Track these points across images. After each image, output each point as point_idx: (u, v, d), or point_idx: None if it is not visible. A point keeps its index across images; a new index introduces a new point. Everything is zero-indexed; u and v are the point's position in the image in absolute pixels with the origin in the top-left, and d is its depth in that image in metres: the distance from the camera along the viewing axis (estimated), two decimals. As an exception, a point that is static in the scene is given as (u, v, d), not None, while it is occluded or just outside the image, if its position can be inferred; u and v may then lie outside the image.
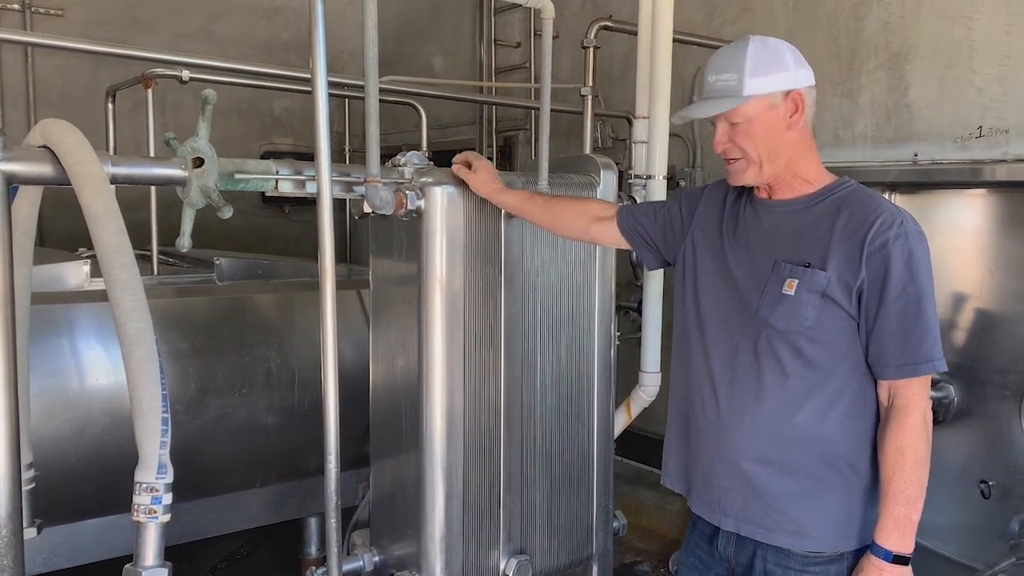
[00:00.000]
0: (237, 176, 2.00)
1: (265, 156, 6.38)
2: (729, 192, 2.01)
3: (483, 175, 2.29)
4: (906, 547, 1.79)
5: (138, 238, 3.20)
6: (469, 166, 2.34)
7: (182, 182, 1.96)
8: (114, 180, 1.85)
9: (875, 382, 1.82)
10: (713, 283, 1.96)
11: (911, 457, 1.75)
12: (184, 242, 2.01)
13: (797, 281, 1.78)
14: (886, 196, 3.68)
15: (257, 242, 5.71)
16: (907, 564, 1.81)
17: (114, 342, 2.99)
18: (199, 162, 1.95)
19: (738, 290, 1.89)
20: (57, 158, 1.76)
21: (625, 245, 2.23)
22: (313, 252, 2.03)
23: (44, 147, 1.78)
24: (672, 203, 2.15)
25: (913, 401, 1.76)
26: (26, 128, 5.36)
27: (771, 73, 1.79)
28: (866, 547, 1.83)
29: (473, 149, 5.51)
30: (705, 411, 1.96)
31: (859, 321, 1.77)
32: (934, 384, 3.49)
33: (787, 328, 1.80)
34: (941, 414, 3.56)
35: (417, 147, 4.28)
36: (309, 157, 2.05)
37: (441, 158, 5.63)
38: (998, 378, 3.39)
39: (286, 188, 2.12)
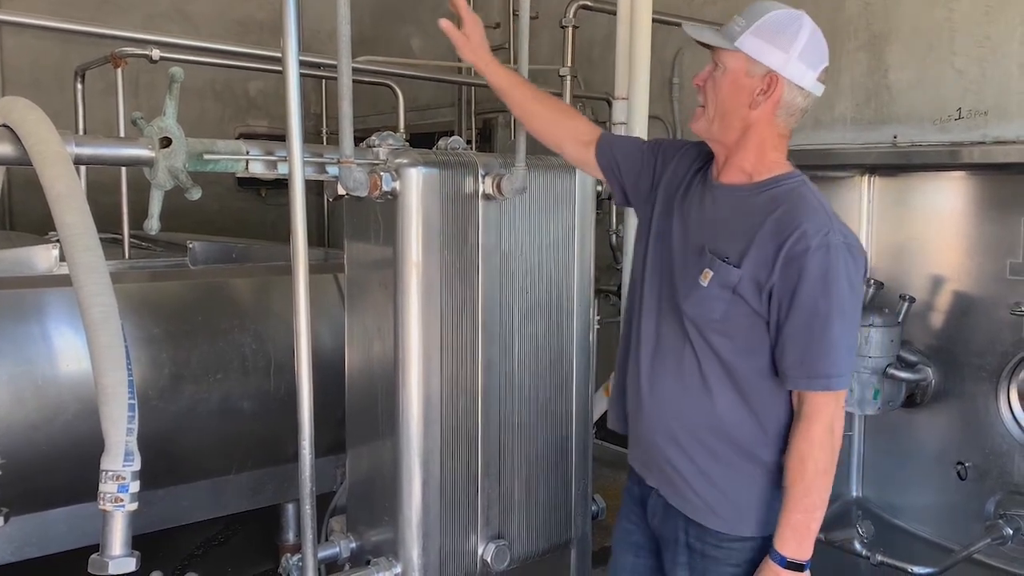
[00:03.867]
0: (206, 157, 1.96)
1: (241, 138, 6.31)
2: (696, 160, 1.98)
3: (476, 39, 2.13)
4: (802, 554, 1.78)
5: (109, 222, 3.15)
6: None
7: (149, 163, 1.91)
8: (78, 161, 1.79)
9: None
10: (657, 252, 1.97)
11: (811, 467, 1.74)
12: (152, 224, 1.96)
13: (712, 274, 1.78)
14: (864, 181, 3.72)
15: (233, 226, 5.64)
16: (803, 571, 1.79)
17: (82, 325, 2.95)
18: (167, 142, 1.90)
19: (671, 266, 1.91)
20: (18, 137, 1.71)
21: (594, 173, 2.20)
22: (289, 236, 1.99)
23: (4, 126, 1.72)
24: (650, 152, 2.08)
25: (818, 411, 1.73)
26: (-6, 109, 5.30)
27: (770, 43, 1.73)
28: (769, 536, 1.85)
29: (452, 131, 5.49)
30: (634, 377, 1.98)
31: (768, 321, 1.76)
32: (912, 366, 3.51)
33: (697, 316, 1.81)
34: (919, 396, 3.58)
35: (395, 129, 4.24)
36: (285, 139, 2.00)
37: (420, 141, 5.57)
38: (975, 360, 3.42)
39: (257, 169, 2.07)
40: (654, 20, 2.83)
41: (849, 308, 1.72)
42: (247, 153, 2.04)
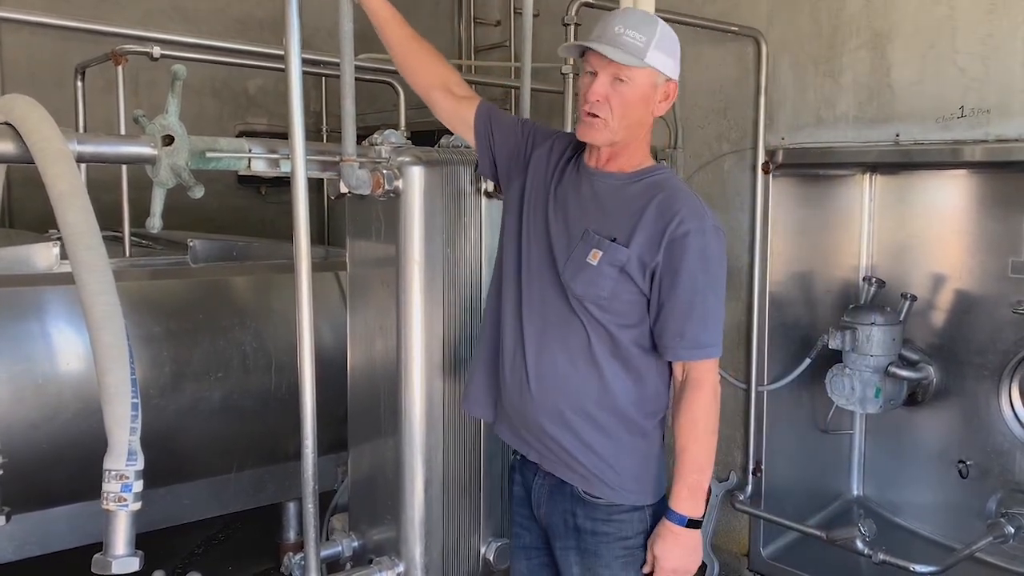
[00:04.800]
0: (208, 154, 1.95)
1: (241, 136, 6.30)
2: (567, 149, 2.07)
3: None
4: (698, 511, 1.93)
5: (110, 219, 3.14)
6: None
7: (151, 160, 1.90)
8: (80, 159, 1.79)
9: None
10: (533, 233, 2.02)
11: (703, 428, 1.89)
12: (154, 222, 1.96)
13: (601, 253, 1.88)
14: (865, 179, 3.72)
15: (233, 223, 5.62)
16: (699, 527, 1.94)
17: (83, 324, 2.94)
18: (169, 140, 1.89)
19: (551, 248, 1.97)
20: (20, 135, 1.70)
21: (463, 131, 2.20)
22: (290, 233, 1.99)
23: (6, 124, 1.71)
24: (523, 131, 2.15)
25: (704, 377, 1.90)
26: (-7, 106, 5.28)
27: (667, 55, 1.89)
28: (658, 503, 1.98)
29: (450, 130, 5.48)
30: (514, 355, 2.02)
31: (650, 299, 1.89)
32: (913, 365, 3.50)
33: (584, 295, 1.89)
34: (920, 395, 3.58)
35: (395, 126, 4.23)
36: (285, 137, 2.00)
37: (421, 138, 5.54)
38: (977, 359, 3.41)
39: (259, 167, 2.07)
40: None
41: (721, 284, 1.93)
42: (249, 151, 2.04)
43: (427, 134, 5.90)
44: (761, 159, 3.55)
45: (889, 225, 3.71)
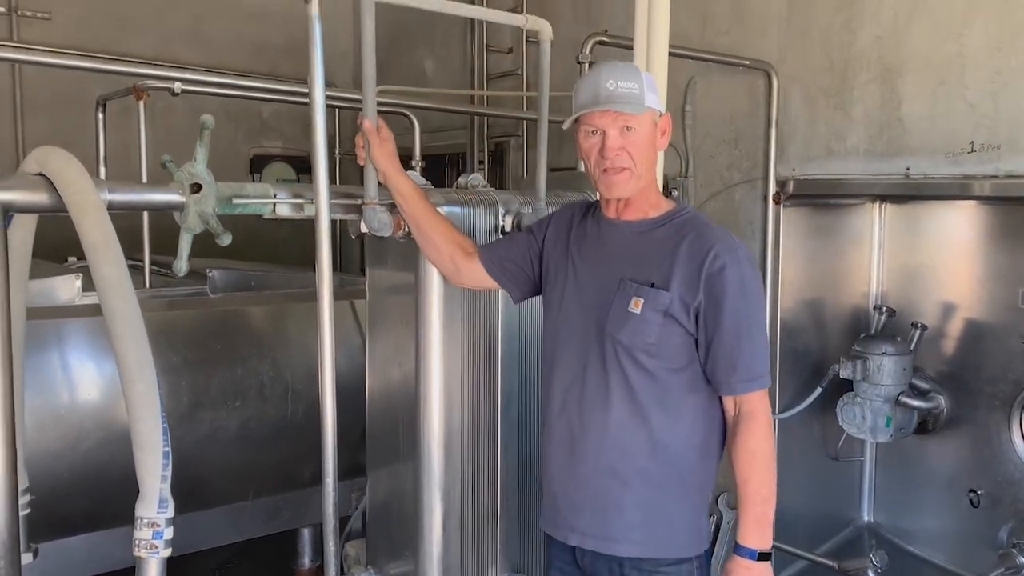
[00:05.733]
0: (235, 200, 2.00)
1: (255, 160, 6.37)
2: (575, 214, 2.12)
3: (389, 147, 2.21)
4: (766, 543, 1.91)
5: (130, 245, 3.19)
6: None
7: (180, 207, 1.95)
8: (111, 207, 1.83)
9: (718, 396, 1.95)
10: (563, 300, 2.05)
11: (761, 459, 1.89)
12: (181, 266, 2.01)
13: (643, 300, 1.89)
14: (875, 208, 3.75)
15: (245, 244, 5.67)
16: (769, 559, 1.92)
17: (105, 357, 2.99)
18: (197, 187, 1.94)
19: (586, 307, 1.99)
20: (54, 186, 1.75)
21: (486, 282, 2.23)
22: (304, 256, 2.03)
23: (40, 175, 1.76)
24: (526, 232, 2.23)
25: (757, 407, 1.90)
26: (13, 133, 5.37)
27: (656, 93, 1.97)
28: (705, 552, 1.99)
29: (464, 154, 5.52)
30: (558, 425, 2.03)
31: (697, 338, 1.91)
32: (924, 394, 3.52)
33: (632, 343, 1.90)
34: (931, 423, 3.59)
35: (409, 152, 4.28)
36: (299, 159, 2.06)
37: (433, 162, 5.58)
38: (988, 388, 3.43)
39: (284, 211, 2.11)
40: (670, 54, 2.86)
41: (762, 313, 1.97)
42: (275, 196, 2.08)
43: (440, 159, 6.00)
44: (772, 189, 3.59)
45: (899, 253, 3.74)
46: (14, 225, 1.84)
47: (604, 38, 3.15)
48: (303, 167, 6.55)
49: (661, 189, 2.10)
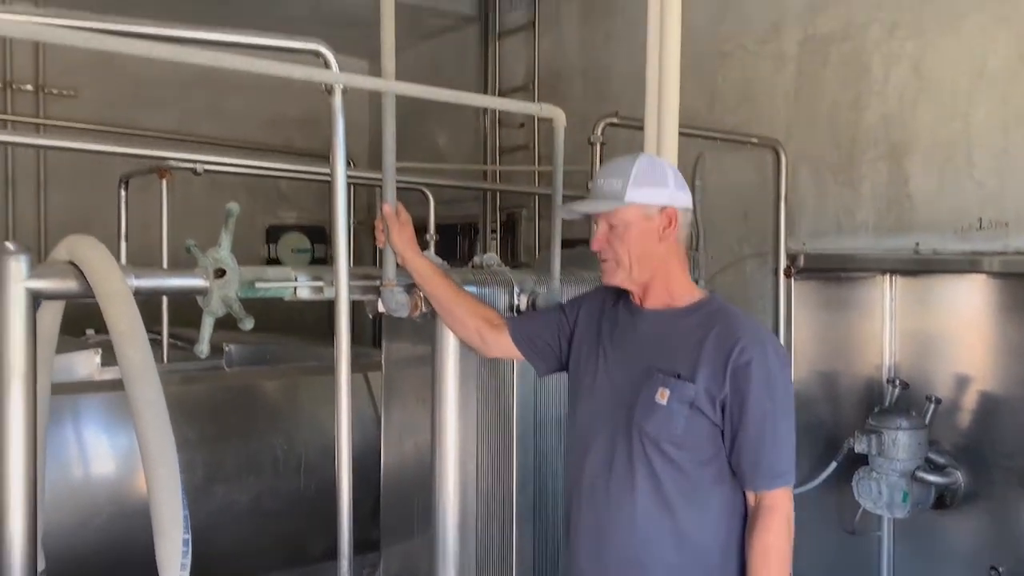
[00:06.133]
0: (257, 285, 2.04)
1: (271, 230, 6.47)
2: (607, 296, 2.13)
3: (408, 231, 2.26)
4: None
5: (148, 317, 3.24)
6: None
7: (203, 292, 1.99)
8: (137, 293, 1.88)
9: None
10: (594, 385, 2.04)
11: (775, 557, 1.86)
12: (202, 348, 2.04)
13: (669, 391, 1.89)
14: (886, 280, 3.77)
15: (262, 309, 5.73)
16: None
17: (120, 431, 3.02)
18: (221, 272, 1.98)
19: (614, 394, 1.98)
20: (82, 273, 1.79)
21: (514, 354, 2.25)
22: (318, 322, 2.06)
23: (70, 263, 1.81)
24: (557, 310, 2.25)
25: (778, 504, 1.88)
26: (36, 206, 5.48)
27: (652, 187, 1.96)
28: None
29: (476, 225, 5.60)
30: (586, 512, 2.01)
31: (723, 430, 1.89)
32: (941, 469, 3.49)
33: (658, 434, 1.89)
34: (949, 499, 3.55)
35: (424, 224, 4.35)
36: (314, 230, 2.10)
37: (446, 232, 5.62)
38: (1005, 462, 3.39)
39: (304, 294, 2.15)
40: (680, 134, 2.93)
41: (790, 408, 1.92)
42: (295, 279, 2.12)
43: (452, 228, 6.08)
44: (783, 263, 3.62)
45: (911, 325, 3.75)
46: (42, 310, 1.88)
47: (615, 120, 3.23)
48: (317, 236, 6.65)
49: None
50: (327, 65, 2.08)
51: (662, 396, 1.89)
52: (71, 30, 1.62)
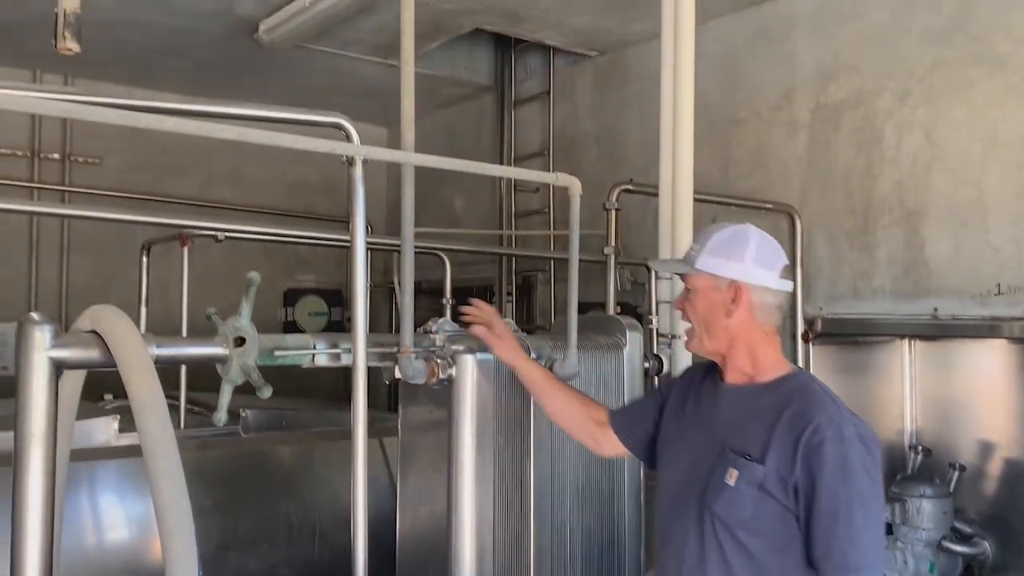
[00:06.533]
0: (276, 353, 2.05)
1: (288, 293, 6.52)
2: (697, 373, 2.10)
3: (508, 341, 2.29)
4: None
5: (166, 383, 3.26)
6: (488, 326, 2.33)
7: (223, 360, 2.00)
8: (158, 361, 1.88)
9: None
10: (675, 461, 2.01)
11: None
12: (220, 416, 2.04)
13: (738, 472, 1.80)
14: (905, 344, 3.75)
15: (280, 371, 5.74)
16: None
17: (135, 498, 3.01)
18: (240, 341, 1.99)
19: (690, 471, 1.93)
20: (104, 343, 1.81)
21: (623, 451, 2.22)
22: (334, 385, 2.05)
23: (93, 332, 1.83)
24: (654, 392, 2.26)
25: None
26: (59, 270, 5.56)
27: (724, 259, 1.90)
28: None
29: (492, 288, 5.62)
30: None
31: (798, 515, 1.77)
32: (968, 539, 3.41)
33: (727, 517, 1.81)
34: (976, 570, 3.46)
35: (439, 286, 4.38)
36: (331, 293, 2.11)
37: (462, 294, 5.68)
38: (1033, 531, 3.32)
39: (322, 361, 2.16)
40: (695, 200, 2.96)
41: (869, 498, 1.75)
42: (314, 347, 2.13)
43: (468, 292, 6.10)
44: (800, 328, 3.61)
45: (932, 390, 3.71)
46: (64, 378, 1.89)
47: (630, 186, 3.27)
48: (334, 300, 6.69)
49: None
50: (348, 138, 2.13)
51: (731, 477, 1.80)
52: (102, 108, 1.67)
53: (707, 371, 2.06)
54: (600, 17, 4.38)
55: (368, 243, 2.96)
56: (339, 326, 6.64)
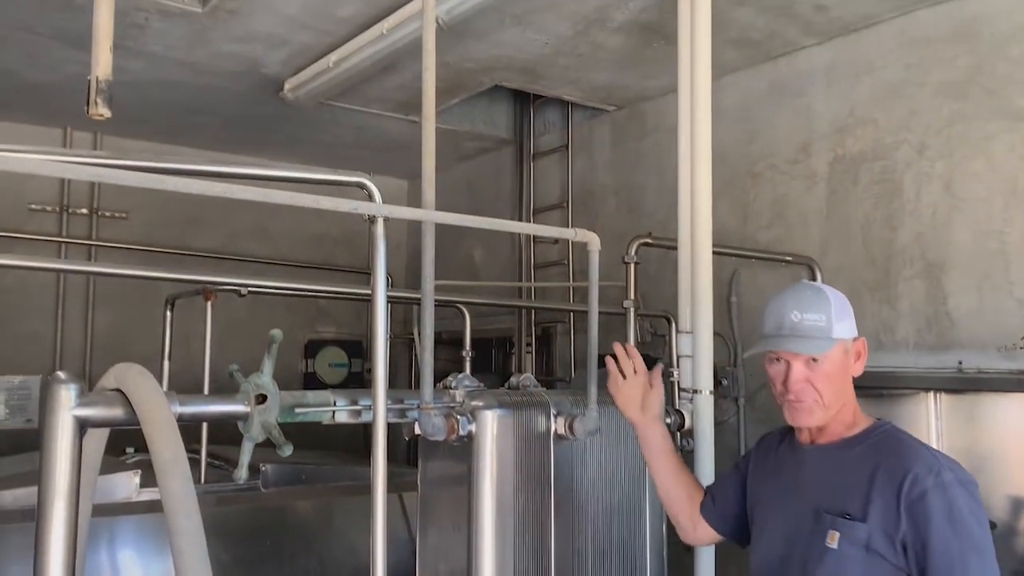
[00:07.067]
0: (297, 410, 2.06)
1: (309, 344, 6.56)
2: (772, 442, 2.06)
3: (631, 393, 2.22)
4: None
5: (187, 436, 3.28)
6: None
7: (244, 417, 2.01)
8: (181, 419, 1.90)
9: None
10: (769, 535, 1.94)
11: None
12: (241, 474, 2.04)
13: (839, 534, 1.73)
14: (930, 398, 3.69)
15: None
16: None
17: (156, 554, 3.01)
18: (262, 398, 2.01)
19: (787, 543, 1.86)
20: (128, 401, 1.83)
21: (716, 537, 2.16)
22: (352, 437, 2.04)
23: (117, 391, 1.85)
24: (733, 471, 2.17)
25: None
26: (84, 323, 5.63)
27: (848, 319, 1.87)
28: None
29: (511, 337, 5.62)
30: None
31: (910, 573, 1.69)
32: (1002, 600, 3.32)
33: None
34: (1013, 631, 3.36)
35: (459, 336, 4.38)
36: (351, 344, 2.12)
37: (480, 346, 5.62)
38: (1068, 591, 3.23)
39: (342, 418, 2.16)
40: (714, 253, 2.96)
41: (981, 544, 1.67)
42: (334, 403, 2.14)
43: (487, 343, 6.11)
44: (823, 381, 3.57)
45: (960, 444, 3.63)
46: (88, 436, 1.91)
47: (648, 240, 3.28)
48: (354, 351, 6.72)
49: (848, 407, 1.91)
50: (370, 196, 2.16)
51: (832, 539, 1.73)
52: (129, 171, 1.72)
53: (782, 436, 2.02)
54: (617, 74, 4.45)
55: (388, 296, 2.99)
56: (359, 377, 6.65)
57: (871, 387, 3.58)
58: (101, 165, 1.81)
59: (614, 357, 2.27)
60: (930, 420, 3.70)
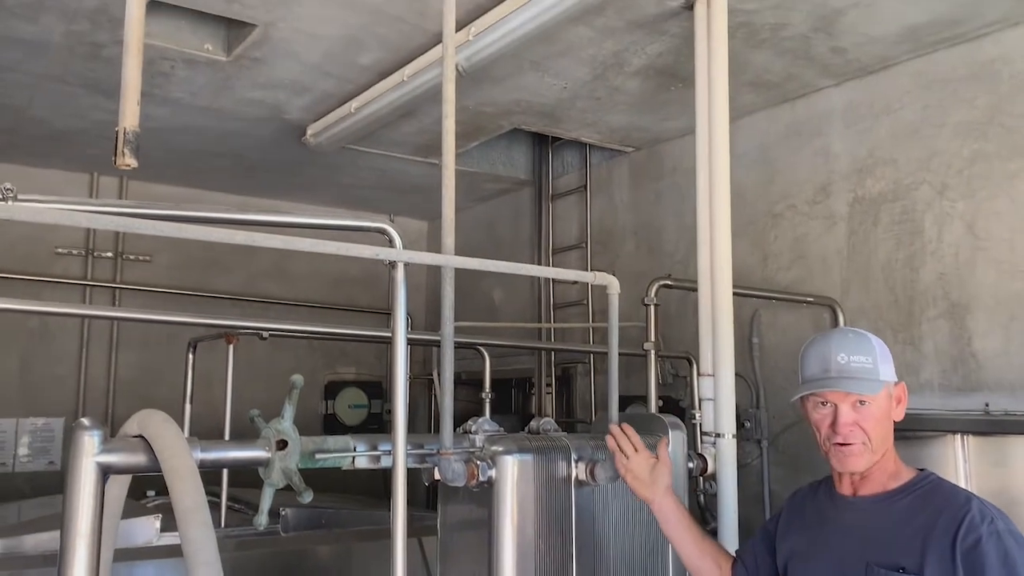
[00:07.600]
0: (317, 456, 2.06)
1: (329, 385, 6.57)
2: (805, 497, 2.02)
3: (665, 478, 2.20)
4: None
5: (207, 478, 3.28)
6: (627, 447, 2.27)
7: (265, 463, 2.01)
8: (202, 465, 1.90)
9: None
10: None
11: None
12: (261, 520, 2.04)
13: None
14: (958, 440, 3.63)
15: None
16: None
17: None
18: (282, 444, 2.01)
19: None
20: (150, 447, 1.84)
21: None
22: (371, 479, 2.02)
23: (140, 437, 1.86)
24: (761, 532, 2.13)
25: None
26: (107, 365, 5.68)
27: (889, 362, 1.87)
28: None
29: (531, 378, 5.60)
30: None
31: None
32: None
33: None
34: None
35: (479, 377, 4.37)
36: (371, 385, 2.11)
37: (500, 386, 5.61)
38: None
39: (362, 463, 2.16)
40: (734, 294, 2.95)
41: None
42: (354, 449, 2.14)
43: (507, 384, 6.09)
44: (847, 423, 3.52)
45: (988, 487, 3.56)
46: (111, 482, 1.92)
47: (668, 282, 3.28)
48: (374, 391, 6.72)
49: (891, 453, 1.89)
50: (391, 242, 2.18)
51: None
52: (154, 221, 1.74)
53: (814, 490, 2.00)
54: (635, 116, 4.48)
55: (408, 338, 3.00)
56: (379, 418, 6.65)
57: (897, 429, 3.53)
58: (124, 214, 1.83)
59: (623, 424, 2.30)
60: (958, 463, 3.63)
